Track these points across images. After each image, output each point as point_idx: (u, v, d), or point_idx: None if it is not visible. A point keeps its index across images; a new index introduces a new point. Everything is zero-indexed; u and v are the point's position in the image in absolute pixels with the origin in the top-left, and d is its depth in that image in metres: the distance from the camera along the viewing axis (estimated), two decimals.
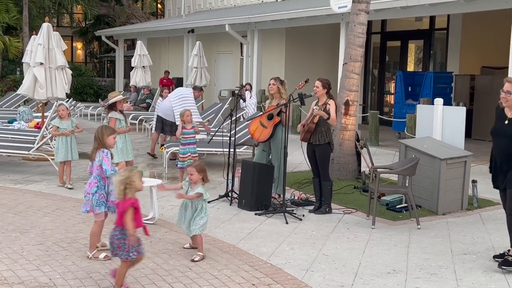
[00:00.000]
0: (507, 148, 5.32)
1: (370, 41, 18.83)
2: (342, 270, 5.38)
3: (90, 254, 5.41)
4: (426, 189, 7.58)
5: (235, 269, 5.30)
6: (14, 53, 22.55)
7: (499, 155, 5.41)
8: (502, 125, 5.40)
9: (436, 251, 6.03)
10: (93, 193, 5.42)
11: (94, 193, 5.42)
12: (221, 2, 23.38)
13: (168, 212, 7.29)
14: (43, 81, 10.47)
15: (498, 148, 5.43)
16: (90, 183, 5.46)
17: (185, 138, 8.58)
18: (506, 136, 5.33)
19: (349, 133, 9.36)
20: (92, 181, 5.46)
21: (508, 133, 5.30)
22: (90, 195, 5.42)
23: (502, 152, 5.37)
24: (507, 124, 5.35)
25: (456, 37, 16.56)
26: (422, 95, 14.62)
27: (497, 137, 5.44)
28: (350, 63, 9.38)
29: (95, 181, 5.44)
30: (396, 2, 12.80)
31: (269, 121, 7.81)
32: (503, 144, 5.36)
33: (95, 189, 5.42)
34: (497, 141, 5.44)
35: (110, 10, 30.47)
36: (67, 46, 11.69)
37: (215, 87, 21.93)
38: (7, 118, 13.47)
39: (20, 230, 6.27)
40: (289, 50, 19.21)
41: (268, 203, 7.45)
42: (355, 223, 7.02)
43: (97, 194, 5.42)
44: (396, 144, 11.05)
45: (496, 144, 5.46)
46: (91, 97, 26.58)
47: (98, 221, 5.49)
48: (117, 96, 8.22)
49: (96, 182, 5.44)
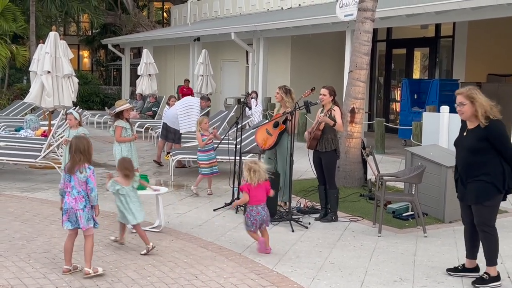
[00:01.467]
0: (465, 159, 5.26)
1: (376, 48, 18.84)
2: (349, 278, 5.37)
3: (90, 271, 5.17)
4: (432, 197, 7.56)
5: (241, 277, 5.29)
6: (21, 61, 22.66)
7: (460, 167, 5.36)
8: (462, 137, 5.37)
9: (443, 259, 6.00)
10: (82, 208, 5.17)
11: (84, 208, 5.18)
12: (226, 10, 23.46)
13: (174, 220, 7.29)
14: (50, 89, 10.52)
15: (459, 159, 5.38)
16: (76, 198, 5.15)
17: (208, 144, 8.68)
18: (464, 148, 5.28)
19: (355, 141, 9.36)
20: (77, 197, 5.16)
21: (466, 145, 5.25)
22: (79, 210, 5.16)
23: (462, 163, 5.32)
24: (465, 136, 5.30)
25: (462, 45, 16.55)
26: (428, 102, 14.59)
27: (458, 148, 5.41)
28: (355, 70, 9.39)
29: (81, 196, 5.17)
30: (402, 10, 12.81)
31: (275, 129, 7.82)
32: (462, 155, 5.31)
33: (84, 204, 5.18)
34: (458, 152, 5.40)
35: (117, 18, 30.63)
36: (73, 54, 11.76)
37: (220, 95, 21.98)
38: (14, 126, 13.55)
39: (27, 238, 6.29)
40: (295, 58, 19.24)
41: (274, 211, 7.45)
42: (361, 231, 7.01)
43: (86, 209, 5.19)
44: (402, 151, 11.04)
45: (457, 155, 5.42)
46: (97, 105, 26.68)
47: (91, 235, 5.24)
48: (124, 105, 8.25)
49: (83, 198, 5.17)
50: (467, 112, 5.21)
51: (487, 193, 5.16)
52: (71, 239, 5.28)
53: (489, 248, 5.28)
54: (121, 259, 5.68)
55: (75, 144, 5.21)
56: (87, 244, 5.24)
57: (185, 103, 11.05)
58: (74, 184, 5.18)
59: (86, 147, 5.20)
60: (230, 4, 23.19)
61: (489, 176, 5.14)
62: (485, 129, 5.13)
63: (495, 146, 5.13)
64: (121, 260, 5.63)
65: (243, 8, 22.41)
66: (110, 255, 5.79)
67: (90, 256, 5.22)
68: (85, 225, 5.19)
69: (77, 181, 5.17)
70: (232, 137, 9.81)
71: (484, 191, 5.17)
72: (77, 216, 5.17)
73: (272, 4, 20.98)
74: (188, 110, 10.89)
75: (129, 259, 5.69)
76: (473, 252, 5.50)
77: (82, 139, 5.31)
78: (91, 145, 5.31)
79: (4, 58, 20.94)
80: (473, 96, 5.16)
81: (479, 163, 5.17)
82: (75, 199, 5.17)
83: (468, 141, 5.24)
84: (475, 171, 5.19)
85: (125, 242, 6.16)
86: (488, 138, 5.12)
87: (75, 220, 5.19)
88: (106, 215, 7.41)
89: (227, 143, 8.74)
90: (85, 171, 5.16)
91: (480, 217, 5.23)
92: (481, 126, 5.15)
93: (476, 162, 5.18)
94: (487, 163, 5.15)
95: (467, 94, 5.19)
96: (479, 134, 5.16)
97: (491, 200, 5.19)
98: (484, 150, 5.14)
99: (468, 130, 5.29)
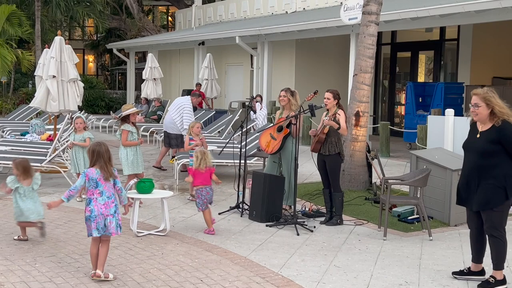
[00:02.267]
0: (475, 162, 5.16)
1: (380, 52, 18.84)
2: (354, 282, 5.37)
3: (102, 274, 5.14)
4: (437, 200, 7.55)
5: (247, 280, 5.29)
6: (26, 66, 22.78)
7: (468, 170, 5.25)
8: (473, 139, 5.25)
9: (448, 262, 5.99)
10: (113, 214, 5.15)
11: (114, 214, 5.16)
12: (231, 14, 23.51)
13: (179, 223, 7.30)
14: (55, 93, 10.56)
15: (468, 163, 5.27)
16: (106, 204, 5.12)
17: (193, 149, 8.63)
18: (475, 150, 5.19)
19: (360, 144, 9.35)
20: (107, 202, 5.14)
21: (478, 147, 5.16)
22: (110, 216, 5.12)
23: (471, 167, 5.21)
24: (478, 138, 5.20)
25: (467, 48, 16.53)
26: (433, 105, 14.58)
27: (467, 151, 5.30)
28: (360, 74, 9.39)
29: (111, 201, 5.16)
30: (406, 13, 12.81)
31: (279, 133, 7.83)
32: (472, 158, 5.21)
33: (114, 209, 5.17)
34: (467, 155, 5.29)
35: (121, 23, 30.73)
36: (79, 59, 11.79)
37: (225, 99, 22.01)
38: (19, 131, 13.59)
39: (33, 242, 6.31)
40: (299, 62, 19.26)
41: (279, 214, 7.45)
42: (367, 235, 7.00)
43: (116, 214, 5.19)
44: (407, 155, 11.02)
45: (466, 158, 5.31)
46: (102, 109, 26.75)
47: (108, 240, 5.23)
48: (131, 109, 8.29)
49: (113, 202, 5.18)
50: (482, 114, 5.14)
51: (497, 198, 5.10)
52: (96, 244, 5.20)
53: (497, 252, 5.22)
54: (126, 262, 5.69)
55: (98, 152, 5.15)
56: (103, 248, 5.19)
57: (176, 106, 11.10)
58: (103, 190, 5.14)
59: (107, 152, 5.20)
60: (234, 8, 23.24)
61: (499, 180, 5.08)
62: (498, 132, 5.07)
63: (507, 149, 5.08)
64: (126, 264, 5.64)
65: (248, 12, 22.45)
66: (115, 258, 5.80)
67: (104, 260, 5.20)
68: (115, 231, 5.16)
69: (106, 186, 5.15)
70: (237, 140, 9.82)
71: (494, 196, 5.10)
72: (106, 222, 5.12)
73: (277, 8, 21.02)
74: (181, 111, 10.97)
75: (134, 262, 5.70)
76: (479, 256, 5.47)
77: (102, 146, 5.24)
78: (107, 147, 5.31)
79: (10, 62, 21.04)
80: (490, 99, 5.10)
81: (490, 166, 5.11)
82: (105, 205, 5.13)
83: (480, 144, 5.16)
84: (485, 174, 5.12)
85: (28, 238, 6.36)
86: (500, 140, 5.07)
87: (102, 227, 5.12)
88: None
89: (232, 146, 8.75)
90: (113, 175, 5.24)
91: (490, 222, 5.18)
92: (494, 128, 5.09)
93: (487, 165, 5.12)
94: (498, 166, 5.09)
95: (483, 96, 5.12)
96: (491, 137, 5.10)
97: (502, 205, 5.13)
98: (496, 153, 5.09)
99: (481, 132, 5.20)
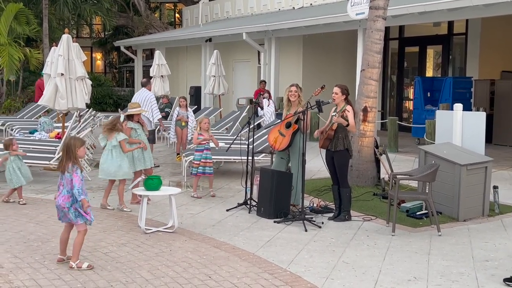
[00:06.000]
0: None
1: (388, 47, 18.76)
2: (362, 277, 5.35)
3: (74, 264, 5.40)
4: (446, 195, 7.52)
5: (255, 277, 5.29)
6: (34, 64, 22.87)
7: None
8: None
9: (457, 258, 5.97)
10: (69, 207, 5.40)
11: (70, 207, 5.41)
12: (238, 10, 23.47)
13: (187, 220, 7.31)
14: (63, 91, 10.60)
15: None
16: (64, 197, 5.40)
17: (202, 144, 8.66)
18: None
19: (368, 140, 9.33)
20: (65, 195, 5.40)
21: None
22: (65, 209, 5.41)
23: None
24: None
25: (475, 42, 16.43)
26: (441, 100, 14.51)
27: None
28: (368, 69, 9.36)
29: (68, 195, 5.39)
30: (414, 7, 12.74)
31: (287, 129, 7.81)
32: None
33: (70, 203, 5.40)
34: None
35: (129, 20, 30.77)
36: (86, 57, 11.82)
37: (233, 95, 22.00)
38: (28, 129, 13.65)
39: (42, 240, 6.34)
40: (307, 57, 19.21)
41: (287, 210, 7.45)
42: (375, 230, 6.98)
43: (72, 208, 5.42)
44: (415, 150, 10.98)
45: None
46: (110, 107, 26.80)
47: (81, 230, 5.48)
48: (136, 109, 8.30)
49: (70, 197, 5.39)
50: None
51: None
52: (66, 230, 5.62)
53: None
54: (135, 259, 5.71)
55: (63, 144, 5.38)
56: (77, 239, 5.49)
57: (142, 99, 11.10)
58: (64, 182, 5.44)
59: (72, 146, 5.40)
60: (241, 5, 23.20)
61: None
62: None
63: None
64: (135, 261, 5.66)
65: (255, 8, 22.41)
66: (124, 255, 5.82)
67: (77, 250, 5.46)
68: (74, 221, 5.47)
69: (66, 180, 5.41)
70: (244, 137, 9.81)
71: None
72: (64, 213, 5.47)
73: (284, 4, 20.96)
74: (149, 104, 11.12)
75: (143, 259, 5.72)
76: None
77: (69, 139, 5.54)
78: (80, 145, 5.44)
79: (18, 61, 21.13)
80: None
81: None
82: (64, 197, 5.41)
83: None
84: None
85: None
86: None
87: (63, 216, 5.51)
88: (119, 216, 7.46)
89: (239, 143, 8.75)
90: (70, 170, 5.37)
91: None
92: None
93: None
94: None
95: None
96: None
97: None
98: None
99: None
